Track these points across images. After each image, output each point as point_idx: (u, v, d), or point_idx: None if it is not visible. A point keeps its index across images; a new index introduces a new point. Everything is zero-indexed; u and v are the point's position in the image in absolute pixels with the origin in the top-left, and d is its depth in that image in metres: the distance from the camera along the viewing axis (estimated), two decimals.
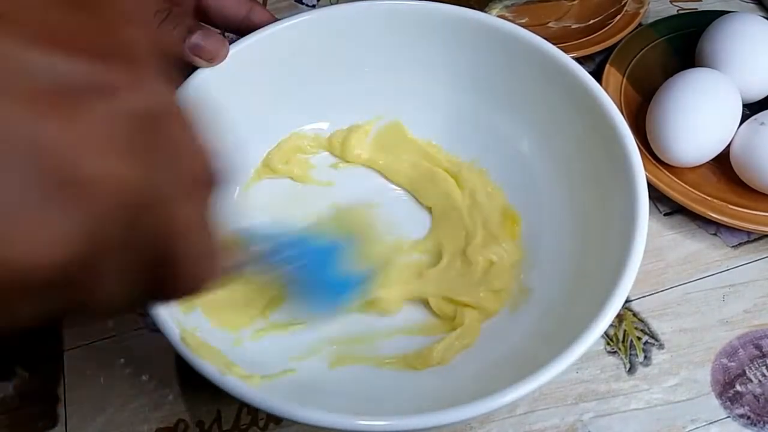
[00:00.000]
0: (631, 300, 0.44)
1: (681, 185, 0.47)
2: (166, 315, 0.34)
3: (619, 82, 0.52)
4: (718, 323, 0.43)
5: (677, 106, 0.46)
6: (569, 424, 0.40)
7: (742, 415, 0.41)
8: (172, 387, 0.42)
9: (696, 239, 0.47)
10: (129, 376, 0.43)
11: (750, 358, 0.42)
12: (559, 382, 0.41)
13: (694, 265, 0.46)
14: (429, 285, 0.42)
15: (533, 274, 0.42)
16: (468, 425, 0.40)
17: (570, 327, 0.35)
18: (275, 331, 0.40)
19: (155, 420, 0.41)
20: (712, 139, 0.46)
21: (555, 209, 0.43)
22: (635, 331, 0.43)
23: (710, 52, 0.49)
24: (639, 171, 0.37)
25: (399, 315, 0.42)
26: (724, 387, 0.41)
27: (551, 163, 0.44)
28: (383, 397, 0.38)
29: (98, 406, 0.42)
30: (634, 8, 0.56)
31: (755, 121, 0.46)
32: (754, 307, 0.44)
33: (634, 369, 0.42)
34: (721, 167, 0.48)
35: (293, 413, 0.32)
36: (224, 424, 0.41)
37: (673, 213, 0.48)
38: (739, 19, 0.49)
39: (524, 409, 0.41)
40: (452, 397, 0.33)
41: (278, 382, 0.37)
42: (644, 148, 0.48)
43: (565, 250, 0.42)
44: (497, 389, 0.32)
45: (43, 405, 0.42)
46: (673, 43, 0.54)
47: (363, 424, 0.31)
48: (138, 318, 0.45)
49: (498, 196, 0.45)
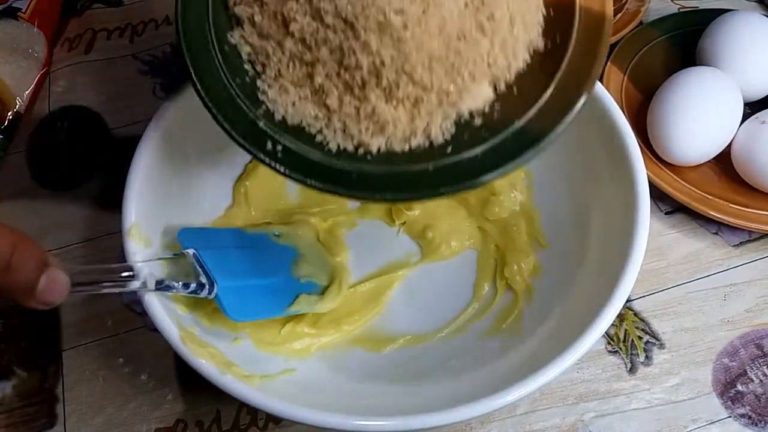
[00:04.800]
0: (632, 299, 0.44)
1: (682, 184, 0.46)
2: (165, 315, 0.34)
3: (620, 80, 0.51)
4: (719, 323, 0.43)
5: (678, 105, 0.46)
6: (570, 423, 0.40)
7: (744, 414, 0.40)
8: (171, 387, 0.42)
9: (697, 238, 0.47)
10: (128, 376, 0.43)
11: (751, 358, 0.42)
12: (560, 382, 0.41)
13: (695, 264, 0.45)
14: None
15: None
16: (468, 425, 0.40)
17: (571, 327, 0.35)
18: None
19: (154, 420, 0.41)
20: (713, 137, 0.46)
21: (555, 208, 0.43)
22: (636, 330, 0.43)
23: (711, 50, 0.49)
24: (640, 170, 0.37)
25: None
26: (725, 387, 0.41)
27: (552, 161, 0.44)
28: (383, 397, 0.38)
29: (97, 406, 0.42)
30: (634, 7, 0.56)
31: (756, 119, 0.46)
32: (755, 306, 0.44)
33: (635, 369, 0.42)
34: (722, 166, 0.48)
35: (293, 413, 0.32)
36: (224, 423, 0.41)
37: (674, 212, 0.48)
38: (740, 18, 0.49)
39: (525, 409, 0.41)
40: (452, 397, 0.33)
41: (278, 381, 0.37)
42: (645, 146, 0.48)
43: (566, 249, 0.42)
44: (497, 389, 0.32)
45: (42, 404, 0.42)
46: (673, 42, 0.53)
47: (363, 424, 0.31)
48: (137, 318, 0.45)
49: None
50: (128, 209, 0.37)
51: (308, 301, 0.40)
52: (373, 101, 0.31)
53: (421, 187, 0.31)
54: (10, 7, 0.54)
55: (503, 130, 0.31)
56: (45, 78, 0.55)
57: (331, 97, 0.32)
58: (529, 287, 0.42)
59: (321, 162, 0.31)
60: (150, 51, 0.57)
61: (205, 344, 0.35)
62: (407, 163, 0.31)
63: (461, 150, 0.31)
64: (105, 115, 0.54)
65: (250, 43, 0.33)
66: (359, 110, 0.32)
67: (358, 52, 0.30)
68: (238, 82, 0.33)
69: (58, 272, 0.28)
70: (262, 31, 0.33)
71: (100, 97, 0.55)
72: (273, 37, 0.32)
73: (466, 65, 0.31)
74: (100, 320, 0.45)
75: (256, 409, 0.37)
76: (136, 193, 0.37)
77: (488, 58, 0.32)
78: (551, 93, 0.32)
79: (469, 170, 0.31)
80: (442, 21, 0.30)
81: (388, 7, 0.29)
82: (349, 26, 0.30)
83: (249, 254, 0.40)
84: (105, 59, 0.57)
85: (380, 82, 0.31)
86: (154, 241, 0.38)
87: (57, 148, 0.52)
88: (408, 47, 0.30)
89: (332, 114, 0.32)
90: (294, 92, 0.32)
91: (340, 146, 0.32)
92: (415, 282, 0.44)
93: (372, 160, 0.32)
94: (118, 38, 0.58)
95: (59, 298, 0.28)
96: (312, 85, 0.32)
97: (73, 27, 0.59)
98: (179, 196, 0.41)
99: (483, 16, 0.31)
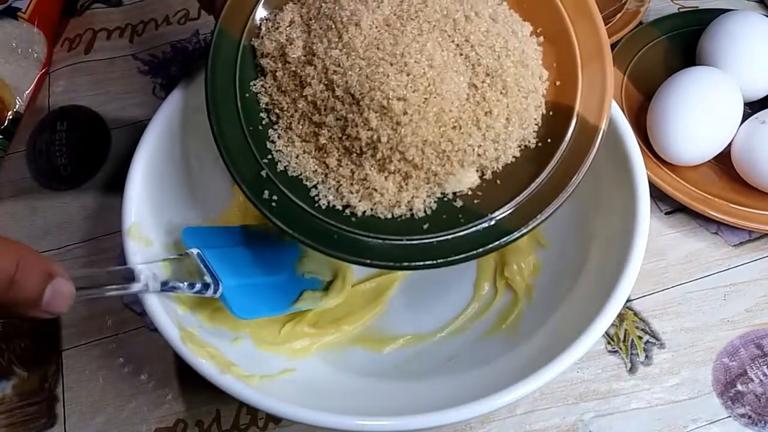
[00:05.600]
0: (632, 299, 0.44)
1: (682, 184, 0.46)
2: (165, 315, 0.34)
3: (619, 80, 0.51)
4: (719, 322, 0.43)
5: (678, 105, 0.46)
6: (570, 423, 0.40)
7: (744, 414, 0.40)
8: (171, 386, 0.42)
9: (697, 238, 0.47)
10: (128, 376, 0.43)
11: (751, 358, 0.42)
12: (560, 382, 0.41)
13: (695, 264, 0.45)
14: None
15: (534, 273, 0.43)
16: (468, 425, 0.40)
17: (571, 326, 0.35)
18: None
19: (154, 420, 0.41)
20: (713, 137, 0.46)
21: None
22: (636, 330, 0.43)
23: (711, 50, 0.49)
24: (640, 170, 0.37)
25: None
26: (725, 386, 0.41)
27: None
28: (383, 397, 0.38)
29: (97, 406, 0.42)
30: (634, 6, 0.56)
31: (756, 119, 0.46)
32: (755, 306, 0.44)
33: (635, 368, 0.42)
34: (722, 166, 0.48)
35: (293, 413, 0.32)
36: (223, 423, 0.41)
37: (674, 212, 0.48)
38: (740, 18, 0.49)
39: (525, 409, 0.41)
40: (452, 397, 0.33)
41: (278, 381, 0.37)
42: (645, 146, 0.48)
43: (566, 249, 0.42)
44: (497, 389, 0.32)
45: (41, 404, 0.42)
46: (673, 42, 0.54)
47: (363, 424, 0.31)
48: (137, 318, 0.45)
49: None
50: (128, 209, 0.37)
51: (312, 298, 0.40)
52: (366, 169, 0.34)
53: (392, 258, 0.33)
54: (10, 7, 0.54)
55: (477, 220, 0.34)
56: (45, 78, 0.55)
57: (331, 157, 0.35)
58: (529, 287, 0.42)
59: (308, 217, 0.34)
60: (150, 51, 0.57)
61: (205, 344, 0.35)
62: (385, 232, 0.34)
63: (436, 230, 0.34)
64: (105, 115, 0.54)
65: (270, 94, 0.36)
66: (354, 174, 0.34)
67: (359, 126, 0.33)
68: (251, 130, 0.35)
69: (63, 282, 0.28)
70: (281, 87, 0.35)
71: (100, 97, 0.55)
72: (289, 94, 0.35)
73: (456, 153, 0.34)
74: (100, 320, 0.45)
75: (256, 409, 0.37)
76: (136, 193, 0.37)
77: (478, 150, 0.34)
78: (528, 193, 0.34)
79: (438, 251, 0.33)
80: (441, 111, 0.33)
81: (392, 93, 0.32)
82: (355, 102, 0.33)
83: (252, 252, 0.40)
84: (105, 59, 0.57)
85: (375, 154, 0.34)
86: (154, 241, 0.38)
87: (57, 148, 0.52)
88: (404, 131, 0.33)
89: (330, 172, 0.35)
90: (300, 146, 0.35)
91: (330, 203, 0.35)
92: (415, 282, 0.44)
93: (355, 222, 0.34)
94: (118, 38, 0.58)
95: (64, 308, 0.28)
96: (317, 142, 0.35)
97: (73, 27, 0.59)
98: (179, 195, 0.41)
99: (482, 110, 0.34)
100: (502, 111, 0.34)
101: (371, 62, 0.33)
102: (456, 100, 0.33)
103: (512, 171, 0.35)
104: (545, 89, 0.36)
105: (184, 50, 0.57)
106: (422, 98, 0.32)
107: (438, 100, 0.33)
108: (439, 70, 0.33)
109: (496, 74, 0.34)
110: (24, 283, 0.26)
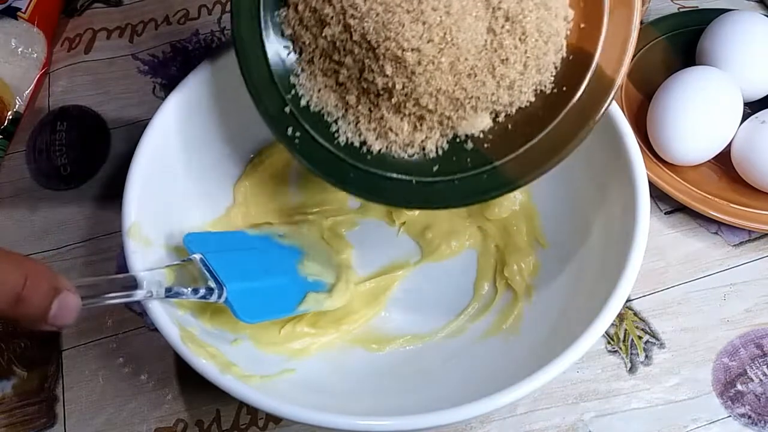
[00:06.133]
0: (631, 299, 0.44)
1: (682, 184, 0.46)
2: (165, 315, 0.34)
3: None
4: (719, 322, 0.43)
5: (678, 105, 0.46)
6: (570, 423, 0.40)
7: (743, 414, 0.40)
8: (171, 387, 0.42)
9: (697, 238, 0.47)
10: (128, 376, 0.43)
11: (751, 358, 0.42)
12: (560, 382, 0.41)
13: (695, 264, 0.45)
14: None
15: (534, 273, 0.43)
16: (468, 425, 0.40)
17: (571, 326, 0.35)
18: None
19: (154, 419, 0.41)
20: (713, 137, 0.46)
21: (555, 208, 0.43)
22: (636, 330, 0.43)
23: (711, 50, 0.49)
24: (640, 169, 0.37)
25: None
26: (725, 386, 0.41)
27: None
28: (383, 397, 0.38)
29: (97, 406, 0.42)
30: None
31: (756, 119, 0.46)
32: (755, 306, 0.44)
33: (635, 368, 0.42)
34: (722, 166, 0.48)
35: (293, 413, 0.32)
36: (223, 423, 0.41)
37: (673, 212, 0.48)
38: (740, 17, 0.49)
39: (525, 409, 0.41)
40: (452, 397, 0.33)
41: (278, 381, 0.37)
42: (645, 146, 0.48)
43: (566, 249, 0.42)
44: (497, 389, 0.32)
45: (41, 404, 0.42)
46: (673, 42, 0.53)
47: (363, 424, 0.31)
48: (137, 318, 0.45)
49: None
50: (128, 209, 0.37)
51: (317, 299, 0.40)
52: (383, 110, 0.35)
53: (397, 197, 0.36)
54: (9, 7, 0.54)
55: (483, 166, 0.35)
56: (45, 78, 0.55)
57: (351, 94, 0.35)
58: (529, 287, 0.42)
59: (327, 154, 0.36)
60: (150, 51, 0.57)
61: (205, 344, 0.35)
62: (397, 170, 0.36)
63: (444, 173, 0.35)
64: (105, 115, 0.54)
65: (293, 27, 0.36)
66: (371, 112, 0.35)
67: (375, 72, 0.34)
68: (276, 63, 0.36)
69: (69, 296, 0.28)
70: (302, 21, 0.36)
71: (100, 97, 0.55)
72: (311, 29, 0.35)
73: (470, 100, 0.34)
74: (100, 320, 0.45)
75: (256, 408, 0.37)
76: (136, 193, 0.37)
77: (492, 97, 0.34)
78: (533, 144, 0.35)
79: (441, 194, 0.35)
80: (456, 60, 0.33)
81: (406, 44, 0.32)
82: (371, 49, 0.33)
83: (255, 256, 0.40)
84: (105, 59, 0.57)
85: (391, 99, 0.34)
86: (155, 241, 0.38)
87: (57, 148, 0.52)
88: (418, 80, 0.33)
89: (349, 108, 0.36)
90: (321, 80, 0.36)
91: (348, 140, 0.36)
92: (415, 282, 0.44)
93: (370, 159, 0.36)
94: (118, 38, 0.58)
95: (70, 321, 0.28)
96: (337, 78, 0.36)
97: (73, 27, 0.59)
98: (179, 195, 0.41)
99: (498, 58, 0.34)
100: (519, 58, 0.33)
101: (388, 8, 0.32)
102: (473, 48, 0.33)
103: (525, 116, 0.35)
104: (568, 30, 0.35)
105: (184, 50, 0.57)
106: (437, 48, 0.32)
107: (453, 50, 0.32)
108: (456, 17, 0.32)
109: (516, 19, 0.33)
110: (31, 299, 0.27)
